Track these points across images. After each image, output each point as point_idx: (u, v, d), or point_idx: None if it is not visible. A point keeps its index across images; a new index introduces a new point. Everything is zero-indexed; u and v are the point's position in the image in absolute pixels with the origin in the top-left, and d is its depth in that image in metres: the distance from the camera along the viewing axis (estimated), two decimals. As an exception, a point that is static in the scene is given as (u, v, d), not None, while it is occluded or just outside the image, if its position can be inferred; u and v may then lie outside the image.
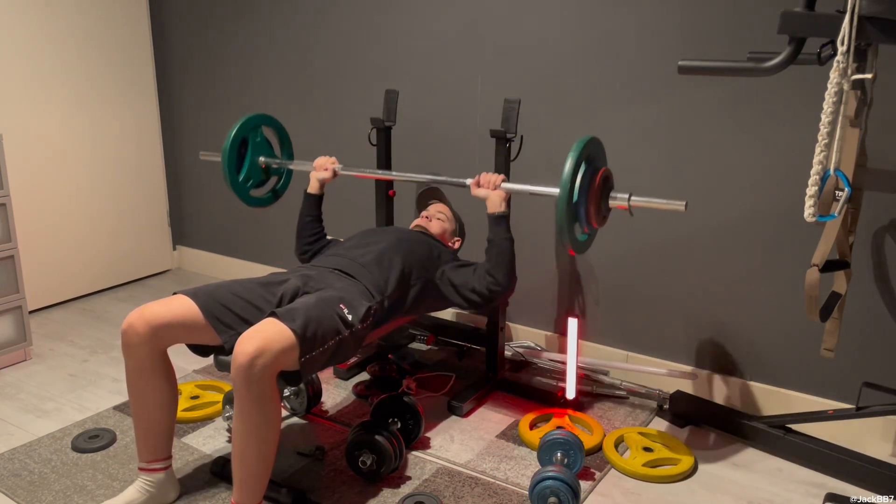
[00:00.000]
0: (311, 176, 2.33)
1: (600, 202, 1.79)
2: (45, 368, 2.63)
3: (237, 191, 2.39)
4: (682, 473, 1.98)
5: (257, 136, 2.40)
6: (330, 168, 2.30)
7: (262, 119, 2.41)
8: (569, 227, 1.72)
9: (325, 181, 2.31)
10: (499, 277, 1.98)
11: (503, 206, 2.00)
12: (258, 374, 1.53)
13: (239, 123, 2.34)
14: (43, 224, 3.11)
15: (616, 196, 1.80)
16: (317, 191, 2.32)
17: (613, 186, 1.83)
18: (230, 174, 2.34)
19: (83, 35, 3.16)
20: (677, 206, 1.72)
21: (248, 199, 2.44)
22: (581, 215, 1.76)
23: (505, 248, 1.98)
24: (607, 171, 1.80)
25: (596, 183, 1.76)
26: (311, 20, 3.01)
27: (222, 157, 2.33)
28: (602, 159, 1.85)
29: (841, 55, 1.45)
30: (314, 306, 1.71)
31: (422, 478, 1.96)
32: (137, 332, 1.70)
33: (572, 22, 2.40)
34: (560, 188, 1.70)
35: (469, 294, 2.05)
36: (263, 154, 2.42)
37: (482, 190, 2.02)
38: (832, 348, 1.84)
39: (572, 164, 1.70)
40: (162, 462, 1.80)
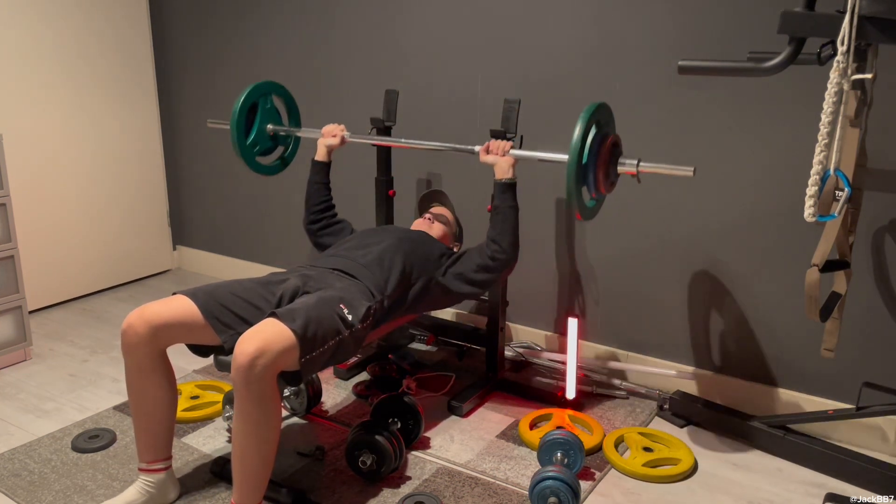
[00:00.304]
0: (318, 143, 2.35)
1: (609, 167, 1.78)
2: (45, 368, 2.63)
3: (244, 155, 2.39)
4: (682, 473, 1.98)
5: (267, 103, 2.42)
6: (338, 134, 2.32)
7: (271, 86, 2.43)
8: (577, 191, 1.72)
9: (333, 147, 2.33)
10: (503, 244, 1.99)
11: (511, 173, 2.00)
12: (258, 375, 1.53)
13: (249, 89, 2.35)
14: (43, 224, 3.11)
15: (625, 162, 1.79)
16: (324, 158, 2.33)
17: (622, 152, 1.82)
18: (238, 139, 2.35)
19: (83, 35, 3.16)
20: (685, 171, 1.71)
21: (255, 164, 2.45)
22: (589, 180, 1.76)
23: (510, 216, 1.99)
24: (616, 137, 1.80)
25: (605, 148, 1.76)
26: (310, 20, 3.01)
27: (231, 121, 2.33)
28: (611, 125, 1.85)
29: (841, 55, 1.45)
30: (314, 306, 1.71)
31: (422, 478, 1.96)
32: (137, 331, 1.70)
33: (572, 22, 2.40)
34: (569, 152, 1.70)
35: (475, 274, 2.04)
36: (272, 122, 2.44)
37: (491, 156, 2.03)
38: (832, 348, 1.84)
39: (582, 129, 1.70)
40: (162, 462, 1.80)
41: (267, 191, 3.37)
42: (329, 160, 2.35)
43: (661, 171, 1.76)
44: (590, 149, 1.73)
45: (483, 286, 2.10)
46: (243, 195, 3.47)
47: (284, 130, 2.45)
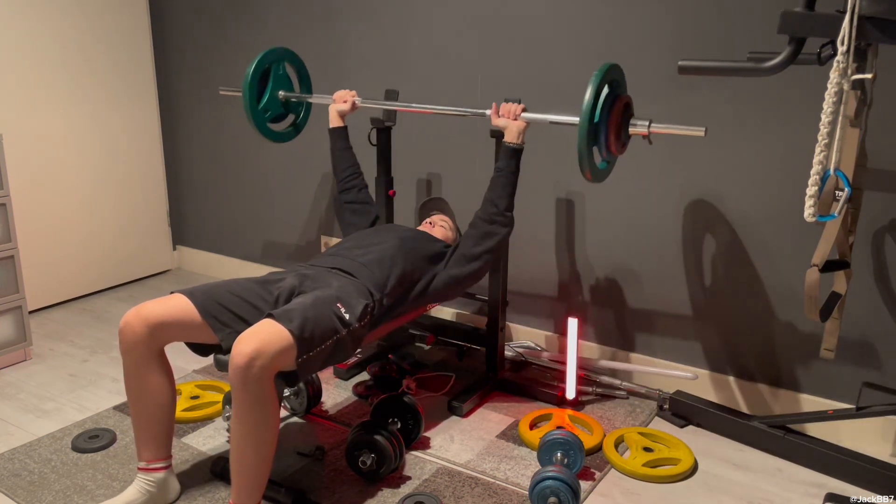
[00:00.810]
0: (329, 109, 2.37)
1: (620, 128, 1.78)
2: (45, 368, 2.63)
3: (256, 120, 2.40)
4: (682, 473, 1.98)
5: (280, 70, 2.44)
6: (349, 100, 2.34)
7: (284, 53, 2.45)
8: (588, 152, 1.72)
9: (345, 113, 2.36)
10: (501, 206, 2.03)
11: (520, 139, 2.02)
12: (256, 376, 1.53)
13: (262, 54, 2.37)
14: (43, 224, 3.11)
15: (636, 123, 1.79)
16: (338, 122, 2.37)
17: (633, 114, 1.82)
18: (250, 103, 2.36)
19: (83, 35, 3.16)
20: (697, 131, 1.71)
21: (267, 130, 2.46)
22: (601, 140, 1.75)
23: (511, 181, 2.03)
24: (628, 98, 1.79)
25: (617, 108, 1.75)
26: (311, 20, 3.01)
27: (243, 85, 2.35)
28: (623, 87, 1.85)
29: (841, 55, 1.45)
30: (311, 306, 1.71)
31: (422, 478, 1.96)
32: (134, 330, 1.70)
33: (572, 22, 2.40)
34: (581, 113, 1.70)
35: (475, 248, 2.05)
36: (283, 89, 2.46)
37: (502, 119, 2.04)
38: (832, 348, 1.84)
39: (594, 89, 1.70)
40: (162, 462, 1.80)
41: (267, 191, 3.37)
42: (344, 124, 2.38)
43: (672, 131, 1.76)
44: (601, 109, 1.73)
45: (486, 257, 2.08)
46: (243, 195, 3.47)
47: (296, 97, 2.47)
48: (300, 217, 3.29)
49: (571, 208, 2.54)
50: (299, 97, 2.48)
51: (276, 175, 3.32)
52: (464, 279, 2.11)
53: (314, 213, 3.24)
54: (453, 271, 2.09)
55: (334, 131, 2.38)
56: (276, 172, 3.31)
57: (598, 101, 1.71)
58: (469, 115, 2.16)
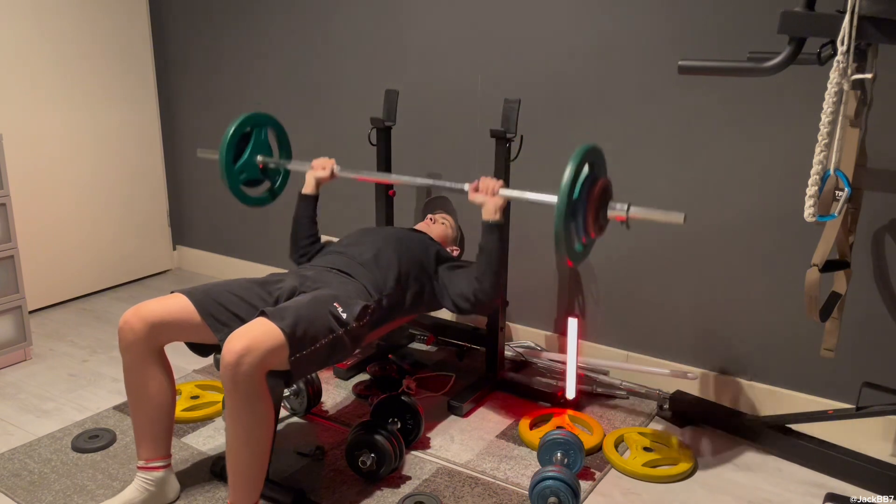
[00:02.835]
0: (307, 175, 2.28)
1: (598, 212, 1.77)
2: (45, 368, 2.63)
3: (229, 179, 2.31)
4: (682, 473, 1.98)
5: (261, 135, 2.37)
6: (328, 167, 2.25)
7: (264, 118, 2.39)
8: (566, 236, 1.69)
9: (323, 181, 2.26)
10: (485, 285, 1.97)
11: (498, 215, 1.95)
12: (245, 374, 1.53)
13: (242, 118, 2.31)
14: (43, 224, 3.11)
15: (615, 206, 1.77)
16: (312, 191, 2.26)
17: (612, 196, 1.81)
18: (226, 163, 2.28)
19: (83, 35, 3.16)
20: (676, 218, 1.70)
21: (241, 193, 2.37)
22: (579, 224, 1.73)
23: (494, 258, 1.96)
24: (606, 181, 1.77)
25: (595, 192, 1.73)
26: (311, 19, 3.00)
27: (221, 146, 2.27)
28: (602, 168, 1.84)
29: (841, 55, 1.45)
30: (306, 305, 1.71)
31: (422, 478, 1.96)
32: (133, 329, 1.70)
33: (573, 21, 2.40)
34: (559, 196, 1.67)
35: (457, 299, 2.05)
36: (262, 153, 2.40)
37: (479, 195, 1.97)
38: (832, 348, 1.84)
39: (571, 172, 1.67)
40: (161, 461, 1.80)
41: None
42: (317, 193, 2.28)
43: (651, 217, 1.74)
44: (580, 192, 1.71)
45: (462, 312, 2.10)
46: (243, 195, 3.46)
47: (274, 162, 2.38)
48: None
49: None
50: (277, 163, 2.39)
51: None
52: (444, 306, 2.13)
53: (314, 213, 3.23)
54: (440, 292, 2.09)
55: (306, 198, 2.27)
56: (276, 172, 3.31)
57: (576, 185, 1.69)
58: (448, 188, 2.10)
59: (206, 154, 2.51)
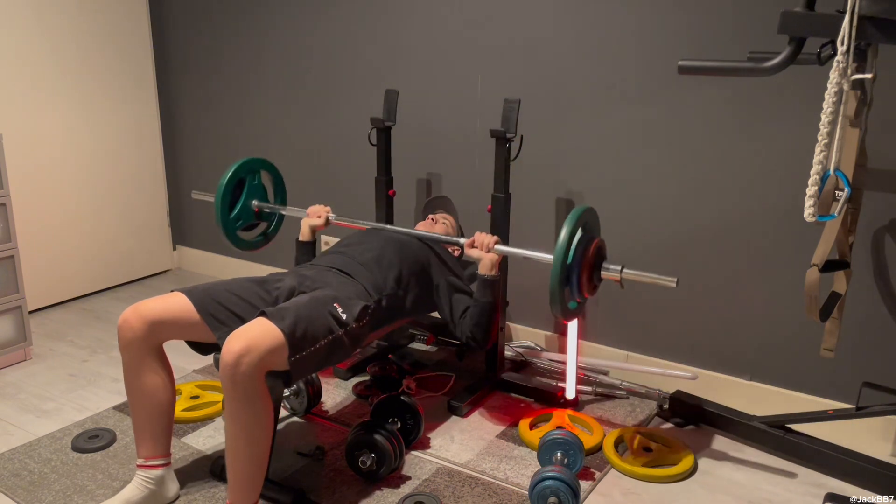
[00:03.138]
0: (302, 223, 2.29)
1: (592, 272, 1.79)
2: (45, 368, 2.63)
3: (225, 227, 2.33)
4: (682, 473, 1.98)
5: (255, 180, 2.37)
6: (323, 215, 2.27)
7: (257, 164, 2.38)
8: (560, 295, 1.72)
9: (318, 228, 2.28)
10: (477, 336, 2.00)
11: (494, 271, 1.99)
12: (245, 374, 1.53)
13: (236, 165, 2.30)
14: (43, 224, 3.11)
15: (608, 267, 1.79)
16: (308, 238, 2.29)
17: (606, 257, 1.83)
18: (221, 211, 2.29)
19: (83, 35, 3.16)
20: (668, 282, 1.73)
21: (236, 239, 2.39)
22: (573, 284, 1.76)
23: (486, 312, 1.99)
24: (600, 242, 1.80)
25: (589, 253, 1.76)
26: (311, 19, 3.01)
27: (216, 198, 2.28)
28: (596, 229, 1.86)
29: (841, 55, 1.45)
30: (305, 305, 1.71)
31: (422, 478, 1.96)
32: (132, 327, 1.70)
33: (572, 22, 2.40)
34: (554, 258, 1.70)
35: (451, 328, 2.08)
36: (257, 198, 2.39)
37: (475, 251, 2.01)
38: (832, 348, 1.84)
39: (567, 234, 1.70)
40: (160, 459, 1.80)
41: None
42: (313, 239, 2.30)
43: (644, 279, 1.77)
44: (574, 252, 1.73)
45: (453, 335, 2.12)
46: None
47: (269, 207, 2.39)
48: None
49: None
50: (273, 208, 2.39)
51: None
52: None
53: (314, 213, 3.23)
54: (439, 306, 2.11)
55: (303, 245, 2.29)
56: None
57: (571, 247, 1.71)
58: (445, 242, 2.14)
59: (202, 196, 2.51)
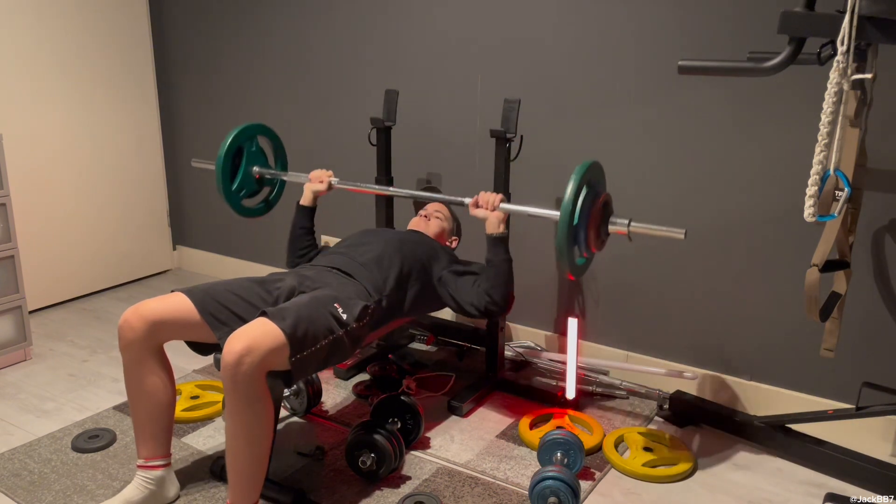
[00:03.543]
0: (304, 188, 2.30)
1: (600, 227, 1.79)
2: (45, 368, 2.63)
3: (229, 200, 2.36)
4: (682, 473, 1.98)
5: (252, 146, 2.37)
6: (325, 180, 2.28)
7: (257, 129, 2.38)
8: (568, 251, 1.72)
9: (320, 194, 2.29)
10: (496, 297, 1.99)
11: (501, 228, 1.99)
12: (246, 374, 1.53)
13: (234, 132, 2.31)
14: (43, 224, 3.11)
15: (616, 221, 1.79)
16: (310, 203, 2.30)
17: (613, 211, 1.83)
18: (223, 183, 2.31)
19: (83, 35, 3.16)
20: (677, 234, 1.73)
21: (241, 208, 2.41)
22: (580, 240, 1.76)
23: (503, 270, 1.99)
24: (607, 197, 1.80)
25: (596, 208, 1.76)
26: (311, 20, 3.01)
27: (216, 166, 2.29)
28: (602, 184, 1.86)
29: (841, 55, 1.45)
30: (306, 305, 1.71)
31: (422, 478, 1.96)
32: (133, 327, 1.70)
33: (572, 22, 2.40)
34: (561, 212, 1.70)
35: (466, 306, 2.06)
36: (258, 164, 2.40)
37: (480, 210, 2.01)
38: (832, 348, 1.84)
39: (573, 189, 1.70)
40: (161, 459, 1.80)
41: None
42: (315, 205, 2.31)
43: (652, 232, 1.77)
44: (581, 210, 1.73)
45: (470, 317, 2.11)
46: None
47: (270, 174, 2.39)
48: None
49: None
50: (274, 174, 2.40)
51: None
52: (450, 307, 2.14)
53: (314, 213, 3.23)
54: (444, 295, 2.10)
55: (303, 209, 2.30)
56: (276, 172, 3.31)
57: (578, 202, 1.71)
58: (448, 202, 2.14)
59: (202, 164, 2.51)
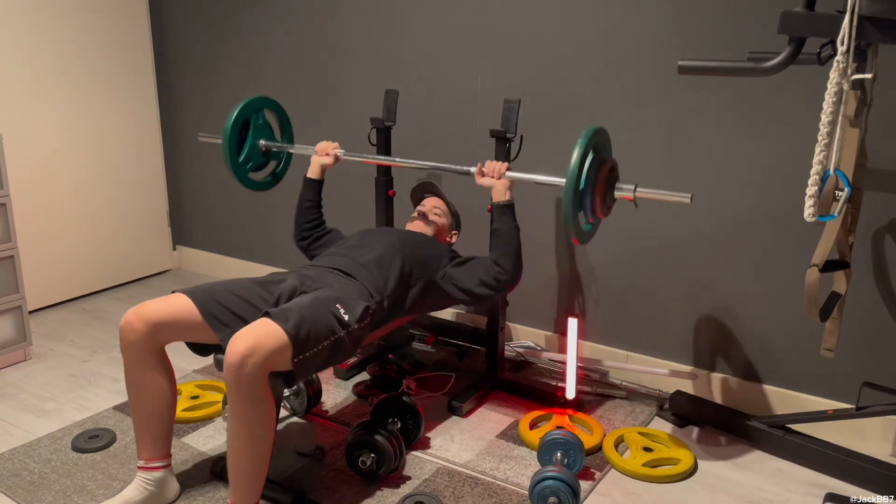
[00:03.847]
0: (311, 160, 2.32)
1: (606, 192, 1.78)
2: (45, 368, 2.63)
3: (236, 172, 2.36)
4: (682, 473, 1.98)
5: (259, 119, 2.39)
6: (332, 153, 2.29)
7: (264, 102, 2.40)
8: (574, 216, 1.72)
9: (327, 166, 2.31)
10: (506, 266, 1.98)
11: (508, 195, 1.99)
12: (249, 374, 1.53)
13: (241, 105, 2.32)
14: (43, 224, 3.11)
15: (622, 187, 1.79)
16: (317, 175, 2.31)
17: (619, 177, 1.83)
18: (230, 156, 2.32)
19: (83, 35, 3.16)
20: (682, 198, 1.72)
21: (248, 181, 2.42)
22: (586, 205, 1.76)
23: (511, 238, 1.98)
24: (613, 162, 1.80)
25: (602, 173, 1.76)
26: (311, 20, 3.01)
27: (223, 139, 2.30)
28: (608, 150, 1.85)
29: (841, 55, 1.45)
30: (308, 306, 1.71)
31: (422, 478, 1.96)
32: (134, 328, 1.70)
33: (572, 22, 2.40)
34: (567, 177, 1.70)
35: (477, 288, 2.04)
36: (264, 137, 2.41)
37: (486, 179, 2.01)
38: (832, 348, 1.84)
39: (579, 154, 1.69)
40: (161, 460, 1.80)
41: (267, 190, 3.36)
42: (322, 178, 2.32)
43: (658, 196, 1.77)
44: (587, 174, 1.73)
45: (483, 300, 2.11)
46: (243, 195, 3.46)
47: (277, 146, 2.41)
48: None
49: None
50: (281, 147, 2.41)
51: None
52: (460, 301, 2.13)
53: (314, 213, 3.23)
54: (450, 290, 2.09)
55: (310, 181, 2.31)
56: (276, 172, 3.31)
57: (583, 168, 1.71)
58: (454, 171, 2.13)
59: (208, 138, 2.52)
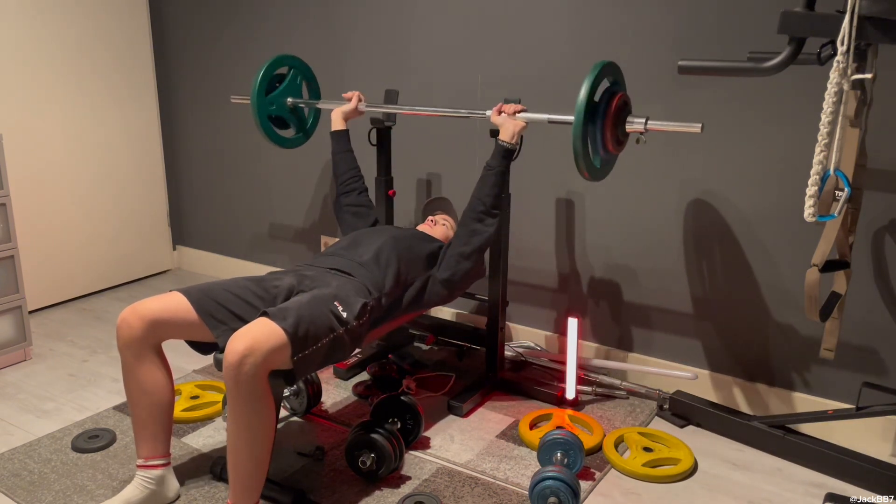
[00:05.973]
0: (332, 115, 2.42)
1: (616, 126, 1.77)
2: (45, 368, 2.63)
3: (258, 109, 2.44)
4: (682, 473, 1.98)
5: (296, 80, 2.54)
6: (355, 100, 2.39)
7: (301, 65, 2.55)
8: (584, 150, 1.71)
9: (349, 114, 2.40)
10: (488, 203, 2.07)
11: (515, 139, 2.06)
12: (248, 374, 1.53)
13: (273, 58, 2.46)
14: (43, 224, 3.11)
15: (633, 120, 1.79)
16: (340, 126, 2.42)
17: (631, 111, 1.82)
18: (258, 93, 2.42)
19: (83, 35, 3.16)
20: (693, 128, 1.73)
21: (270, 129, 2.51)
22: (597, 138, 1.75)
23: (499, 181, 2.08)
24: (625, 96, 1.79)
25: (613, 106, 1.75)
26: (310, 20, 3.01)
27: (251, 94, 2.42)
28: (621, 84, 1.84)
29: (841, 55, 1.45)
30: (307, 305, 1.72)
31: (422, 478, 1.96)
32: (131, 326, 1.70)
33: (572, 22, 2.40)
34: (575, 110, 1.69)
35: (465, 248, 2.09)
36: (293, 96, 2.56)
37: (500, 116, 2.08)
38: (832, 348, 1.84)
39: (588, 87, 1.69)
40: (160, 459, 1.80)
41: (267, 191, 3.37)
42: (346, 127, 2.42)
43: (670, 128, 1.78)
44: (598, 106, 1.72)
45: (475, 257, 2.13)
46: (243, 195, 3.47)
47: (304, 103, 2.55)
48: (300, 217, 3.29)
49: (571, 208, 2.54)
50: (308, 103, 2.55)
51: (276, 175, 3.32)
52: (458, 281, 2.14)
53: (313, 212, 3.24)
54: (445, 274, 2.12)
55: (336, 134, 2.42)
56: (276, 172, 3.31)
57: (594, 98, 1.70)
58: (469, 116, 2.20)
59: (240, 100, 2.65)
